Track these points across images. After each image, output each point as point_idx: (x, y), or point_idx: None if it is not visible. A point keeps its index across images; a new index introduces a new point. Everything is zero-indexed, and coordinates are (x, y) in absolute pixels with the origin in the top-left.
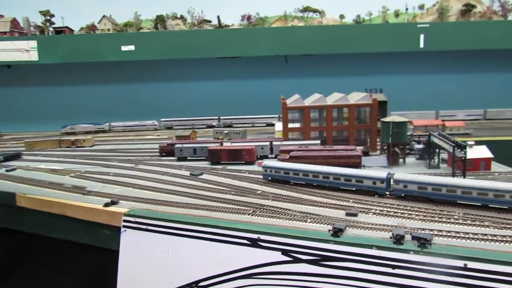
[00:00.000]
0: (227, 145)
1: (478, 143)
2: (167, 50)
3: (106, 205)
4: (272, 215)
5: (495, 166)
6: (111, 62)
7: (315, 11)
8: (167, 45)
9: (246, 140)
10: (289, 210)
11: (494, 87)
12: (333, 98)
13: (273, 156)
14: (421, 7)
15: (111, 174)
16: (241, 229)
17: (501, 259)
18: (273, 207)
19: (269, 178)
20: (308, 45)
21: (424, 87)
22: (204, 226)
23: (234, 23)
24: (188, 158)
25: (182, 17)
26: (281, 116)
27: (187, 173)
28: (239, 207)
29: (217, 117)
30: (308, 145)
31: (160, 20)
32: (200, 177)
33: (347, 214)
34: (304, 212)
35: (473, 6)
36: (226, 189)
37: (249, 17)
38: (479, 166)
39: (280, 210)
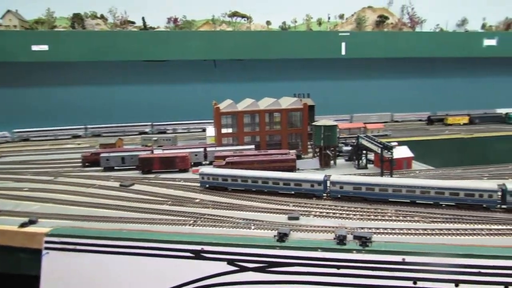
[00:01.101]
0: (159, 152)
1: (399, 143)
2: (88, 52)
3: (23, 225)
4: (214, 224)
5: (415, 165)
6: (19, 62)
7: (243, 16)
8: (88, 46)
9: (179, 147)
10: (232, 217)
11: (404, 92)
12: (265, 103)
13: (207, 162)
14: (341, 16)
15: (25, 189)
16: (183, 241)
17: (434, 251)
18: (214, 215)
19: (207, 186)
20: (237, 50)
21: (347, 92)
22: (141, 241)
23: (160, 25)
24: (116, 167)
25: (102, 17)
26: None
27: (117, 184)
28: (178, 217)
29: (150, 123)
30: (243, 150)
31: (77, 19)
32: (131, 188)
33: (290, 218)
34: (247, 219)
35: (386, 18)
36: (162, 199)
37: (175, 20)
38: (402, 165)
39: (222, 218)
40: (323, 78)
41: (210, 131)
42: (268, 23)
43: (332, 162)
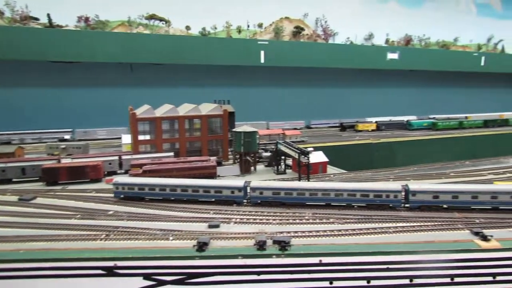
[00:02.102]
0: (66, 161)
1: (314, 149)
2: None
3: None
4: (129, 237)
5: (330, 169)
6: None
7: (161, 19)
8: None
9: (90, 155)
10: (148, 229)
11: (318, 100)
12: (185, 109)
13: (123, 171)
14: (260, 25)
15: None
16: (93, 258)
17: (347, 251)
18: (129, 228)
19: (122, 196)
20: (155, 53)
21: (266, 100)
22: (44, 261)
23: (68, 24)
24: (15, 180)
25: None
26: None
27: (15, 198)
28: (88, 232)
29: (71, 130)
30: (162, 157)
31: None
32: (33, 201)
33: (210, 226)
34: (165, 230)
35: (302, 29)
36: (70, 213)
37: (87, 19)
38: (318, 170)
39: (138, 231)
40: (243, 85)
41: (126, 138)
42: (187, 28)
43: (252, 168)
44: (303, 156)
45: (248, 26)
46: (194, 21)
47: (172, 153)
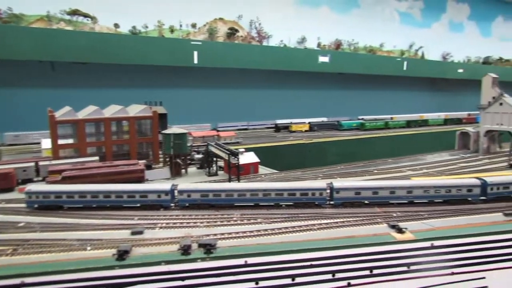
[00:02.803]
0: None
1: (247, 150)
2: None
3: None
4: (41, 250)
5: (261, 169)
6: None
7: (85, 15)
8: None
9: (2, 162)
10: (64, 240)
11: (255, 101)
12: (111, 111)
13: (40, 178)
14: (193, 25)
15: None
16: None
17: (272, 250)
18: (42, 240)
19: (36, 206)
20: (79, 52)
21: (202, 101)
22: None
23: None
24: None
25: None
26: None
27: None
28: None
29: None
30: (85, 162)
31: None
32: None
33: (133, 233)
34: (82, 240)
35: (236, 31)
36: None
37: None
38: (250, 170)
39: (52, 242)
40: (177, 86)
41: (46, 143)
42: (116, 26)
43: (184, 170)
44: (232, 157)
45: (181, 25)
46: (123, 19)
47: (97, 158)
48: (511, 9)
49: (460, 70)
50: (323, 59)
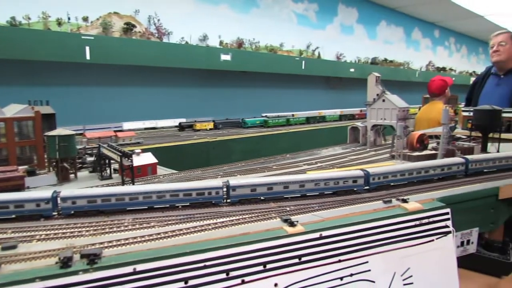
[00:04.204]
0: None
1: (145, 150)
2: None
3: None
4: None
5: (161, 170)
6: None
7: None
8: None
9: None
10: None
11: (157, 100)
12: None
13: None
14: (85, 19)
15: None
16: None
17: (163, 255)
18: None
19: None
20: None
21: (101, 100)
22: None
23: None
24: None
25: None
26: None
27: None
28: None
29: None
30: None
31: None
32: None
33: (3, 248)
34: None
35: (134, 26)
36: None
37: None
38: (147, 172)
39: None
40: (71, 84)
41: None
42: None
43: (73, 175)
44: (125, 158)
45: (69, 18)
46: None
47: None
48: (392, 15)
49: (352, 70)
50: (225, 57)
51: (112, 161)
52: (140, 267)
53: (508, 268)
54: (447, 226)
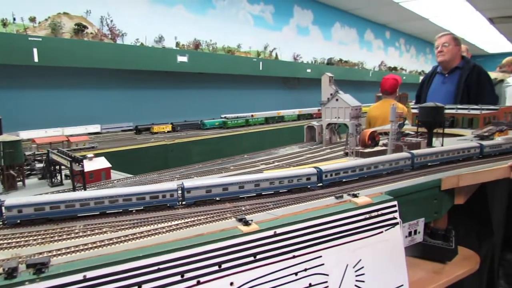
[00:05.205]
0: None
1: (100, 155)
2: None
3: None
4: None
5: (116, 175)
6: None
7: None
8: None
9: None
10: None
11: (112, 103)
12: None
13: None
14: (32, 19)
15: None
16: None
17: (114, 260)
18: None
19: None
20: None
21: (45, 104)
22: None
23: None
24: None
25: None
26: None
27: None
28: None
29: None
30: None
31: None
32: None
33: None
34: None
35: (85, 27)
36: None
37: None
38: (101, 177)
39: None
40: (16, 88)
41: None
42: None
43: (20, 183)
44: (76, 163)
45: (14, 19)
46: None
47: None
48: (346, 17)
49: (308, 70)
50: (182, 58)
51: (63, 167)
52: (90, 274)
53: (451, 254)
54: (394, 218)
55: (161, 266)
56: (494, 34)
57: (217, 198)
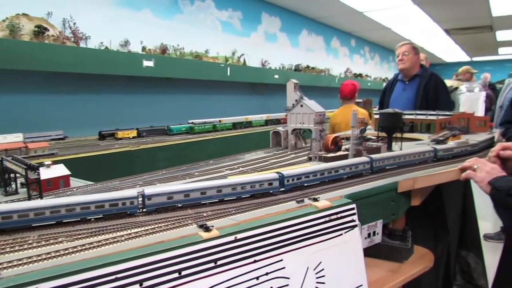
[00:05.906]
0: None
1: (59, 162)
2: None
3: None
4: None
5: (76, 182)
6: None
7: None
8: None
9: None
10: None
11: (76, 108)
12: None
13: None
14: None
15: None
16: None
17: (69, 271)
18: None
19: None
20: None
21: (4, 109)
22: None
23: None
24: None
25: None
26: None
27: None
28: None
29: None
30: None
31: None
32: None
33: None
34: None
35: (46, 29)
36: None
37: None
38: (59, 185)
39: None
40: None
41: None
42: None
43: None
44: (31, 171)
45: None
46: None
47: None
48: (313, 24)
49: (276, 76)
50: (148, 63)
51: (18, 175)
52: (43, 286)
53: (408, 254)
54: (353, 220)
55: (118, 275)
56: (451, 44)
57: (179, 205)
